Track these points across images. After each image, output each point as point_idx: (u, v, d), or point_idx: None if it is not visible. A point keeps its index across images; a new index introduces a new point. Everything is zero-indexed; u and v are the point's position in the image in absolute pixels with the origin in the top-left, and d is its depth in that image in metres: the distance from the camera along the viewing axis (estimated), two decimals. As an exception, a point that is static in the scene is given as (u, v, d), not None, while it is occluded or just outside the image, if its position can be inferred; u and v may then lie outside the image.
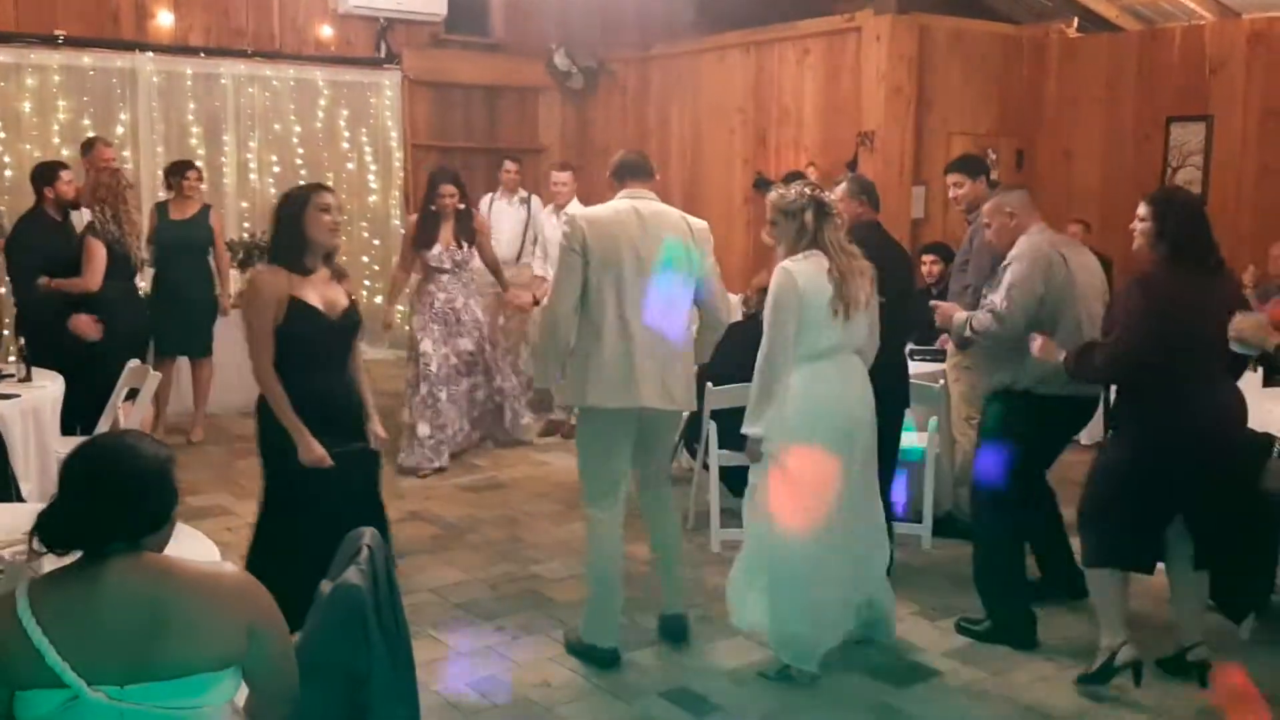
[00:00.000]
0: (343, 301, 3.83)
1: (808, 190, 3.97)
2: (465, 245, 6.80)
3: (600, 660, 4.08)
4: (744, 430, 3.97)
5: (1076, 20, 9.20)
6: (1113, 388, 4.16)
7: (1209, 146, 8.20)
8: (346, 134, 9.73)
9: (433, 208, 6.75)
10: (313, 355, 3.75)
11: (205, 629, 2.02)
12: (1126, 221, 4.07)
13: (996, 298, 4.17)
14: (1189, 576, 3.96)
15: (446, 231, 6.77)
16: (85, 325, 5.89)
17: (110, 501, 2.03)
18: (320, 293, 3.76)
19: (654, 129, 10.35)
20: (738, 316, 5.68)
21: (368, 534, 2.81)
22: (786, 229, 3.96)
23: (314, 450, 3.69)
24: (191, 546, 3.10)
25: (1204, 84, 8.28)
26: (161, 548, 2.10)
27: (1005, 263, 4.25)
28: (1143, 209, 3.82)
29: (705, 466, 5.47)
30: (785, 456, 3.88)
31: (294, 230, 3.74)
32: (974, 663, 4.16)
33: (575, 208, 6.32)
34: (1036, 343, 4.04)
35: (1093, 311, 4.18)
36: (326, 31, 9.56)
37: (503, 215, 7.99)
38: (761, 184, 8.58)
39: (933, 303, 4.71)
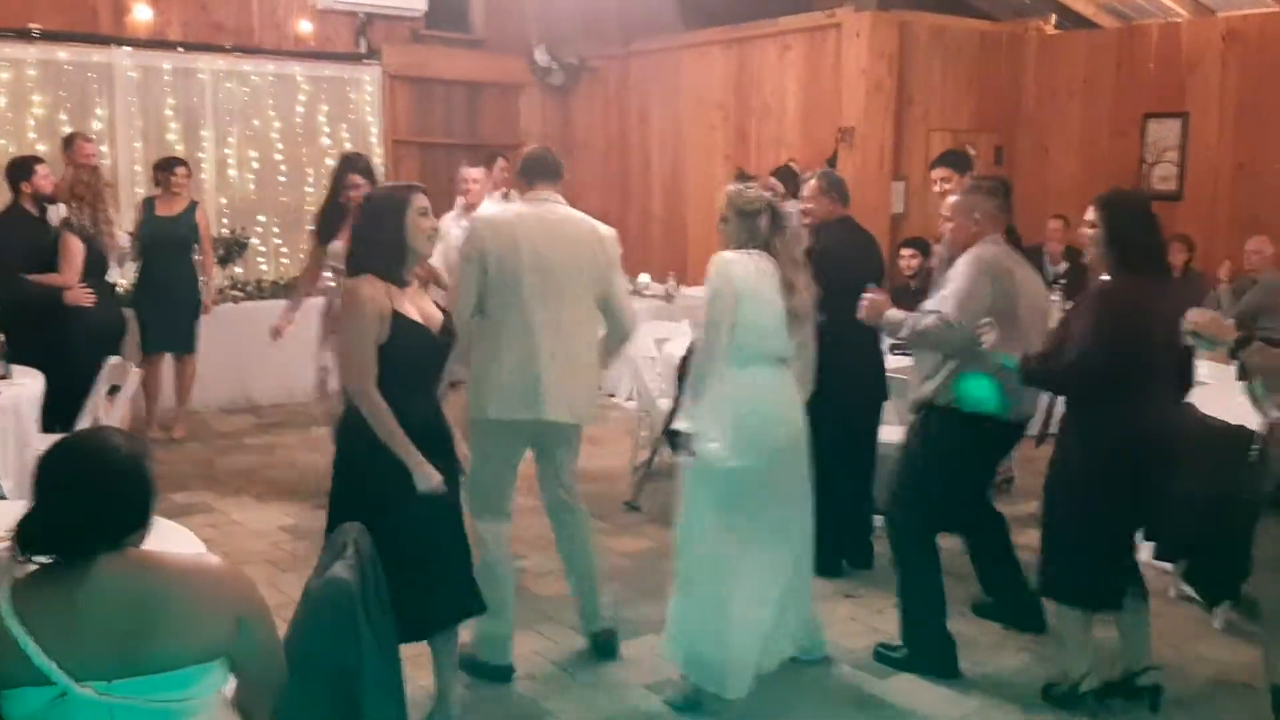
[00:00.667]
0: (438, 314, 3.46)
1: (767, 196, 3.83)
2: None
3: (492, 675, 3.98)
4: (675, 425, 3.80)
5: (1054, 17, 9.28)
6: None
7: (1185, 143, 8.28)
8: (326, 130, 9.69)
9: (339, 199, 5.78)
10: (414, 374, 3.38)
11: (193, 621, 2.01)
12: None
13: (947, 308, 3.92)
14: (1137, 605, 3.77)
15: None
16: (80, 295, 5.95)
17: (87, 502, 2.00)
18: (417, 306, 3.38)
19: (635, 125, 10.37)
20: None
21: (354, 530, 2.82)
22: (737, 229, 3.78)
23: (433, 478, 3.29)
24: (176, 543, 3.10)
25: (1180, 81, 8.36)
26: (140, 543, 2.09)
27: (954, 268, 4.05)
28: (1090, 213, 3.63)
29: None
30: (713, 467, 3.65)
31: (393, 237, 3.31)
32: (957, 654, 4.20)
33: (489, 208, 6.04)
34: (991, 335, 3.81)
35: (1036, 331, 4.01)
36: (306, 27, 9.51)
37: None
38: (742, 180, 8.60)
39: (865, 294, 4.26)
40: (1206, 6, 8.46)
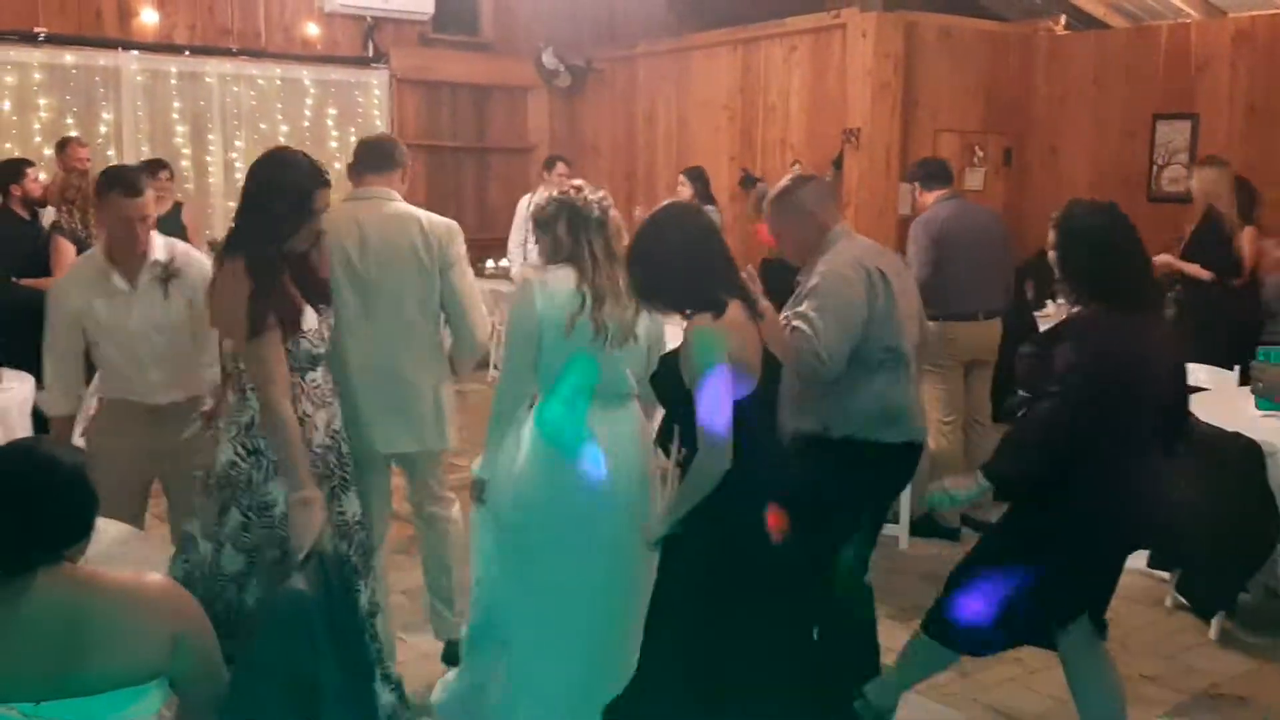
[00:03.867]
0: None
1: (558, 196, 3.27)
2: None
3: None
4: (474, 469, 3.35)
5: (1064, 17, 9.18)
6: None
7: (1194, 144, 8.17)
8: (334, 134, 9.70)
9: None
10: None
11: (126, 642, 1.96)
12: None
13: (819, 344, 3.21)
14: (1095, 652, 3.30)
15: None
16: None
17: (22, 514, 1.95)
18: None
19: (641, 127, 10.34)
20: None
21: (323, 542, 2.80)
22: (542, 244, 3.29)
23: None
24: (145, 552, 3.09)
25: (1189, 82, 8.26)
26: (80, 554, 2.06)
27: (811, 281, 3.32)
28: (1050, 234, 3.14)
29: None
30: (504, 523, 3.25)
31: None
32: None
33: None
34: (957, 483, 3.21)
35: (913, 341, 3.46)
36: (313, 30, 9.53)
37: None
38: (748, 181, 8.56)
39: None
40: (1217, 7, 8.35)
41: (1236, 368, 5.14)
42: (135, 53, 8.70)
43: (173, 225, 7.17)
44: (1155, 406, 3.05)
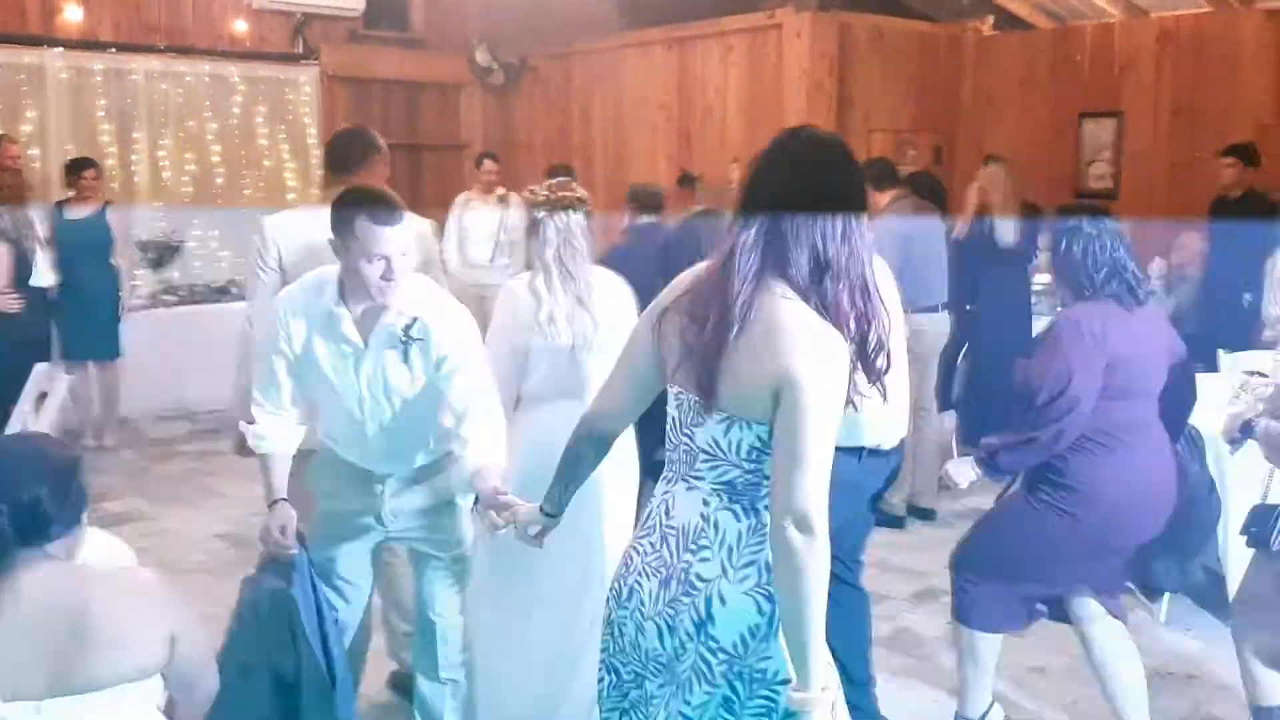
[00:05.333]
0: None
1: (536, 199, 3.32)
2: None
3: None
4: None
5: (992, 18, 9.37)
6: None
7: (1120, 142, 8.40)
8: (264, 131, 9.55)
9: None
10: None
11: (128, 638, 1.96)
12: (1038, 217, 4.03)
13: None
14: (1110, 629, 3.42)
15: None
16: (5, 301, 5.83)
17: (11, 500, 1.95)
18: None
19: (577, 125, 10.33)
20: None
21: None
22: (532, 248, 3.33)
23: None
24: (109, 553, 3.02)
25: (1114, 81, 8.49)
26: (72, 554, 2.03)
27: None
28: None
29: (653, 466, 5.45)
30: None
31: None
32: (901, 650, 4.21)
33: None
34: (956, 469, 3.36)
35: None
36: (241, 26, 9.37)
37: (479, 215, 7.99)
38: (686, 180, 8.60)
39: None
40: (1140, 7, 8.59)
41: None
42: (59, 50, 8.47)
43: (99, 228, 7.01)
44: (1146, 392, 3.18)
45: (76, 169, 7.06)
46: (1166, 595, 4.44)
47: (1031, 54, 8.98)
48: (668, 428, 2.13)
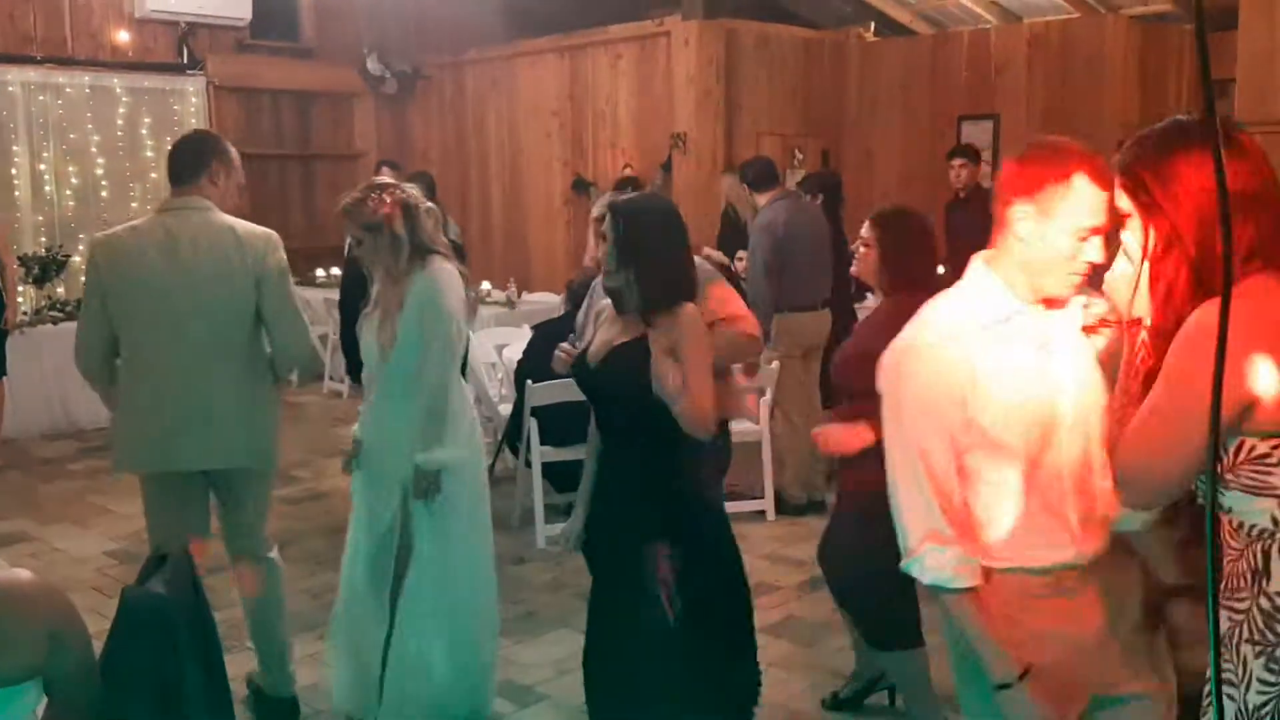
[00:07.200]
0: None
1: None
2: None
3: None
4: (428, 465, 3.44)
5: (873, 25, 9.63)
6: None
7: (996, 143, 8.70)
8: (149, 143, 9.40)
9: None
10: None
11: (6, 640, 1.92)
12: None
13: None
14: None
15: None
16: None
17: None
18: None
19: (472, 132, 10.36)
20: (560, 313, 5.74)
21: (175, 545, 2.76)
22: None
23: None
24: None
25: (990, 84, 8.80)
26: None
27: None
28: (865, 230, 3.41)
29: (528, 464, 5.51)
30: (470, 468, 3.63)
31: None
32: (786, 636, 4.34)
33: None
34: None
35: None
36: (124, 36, 9.22)
37: None
38: (580, 185, 8.70)
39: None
40: (1013, 13, 8.92)
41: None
42: (-70, 61, 8.25)
43: (-21, 243, 6.84)
44: None
45: None
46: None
47: (912, 59, 9.26)
48: None
